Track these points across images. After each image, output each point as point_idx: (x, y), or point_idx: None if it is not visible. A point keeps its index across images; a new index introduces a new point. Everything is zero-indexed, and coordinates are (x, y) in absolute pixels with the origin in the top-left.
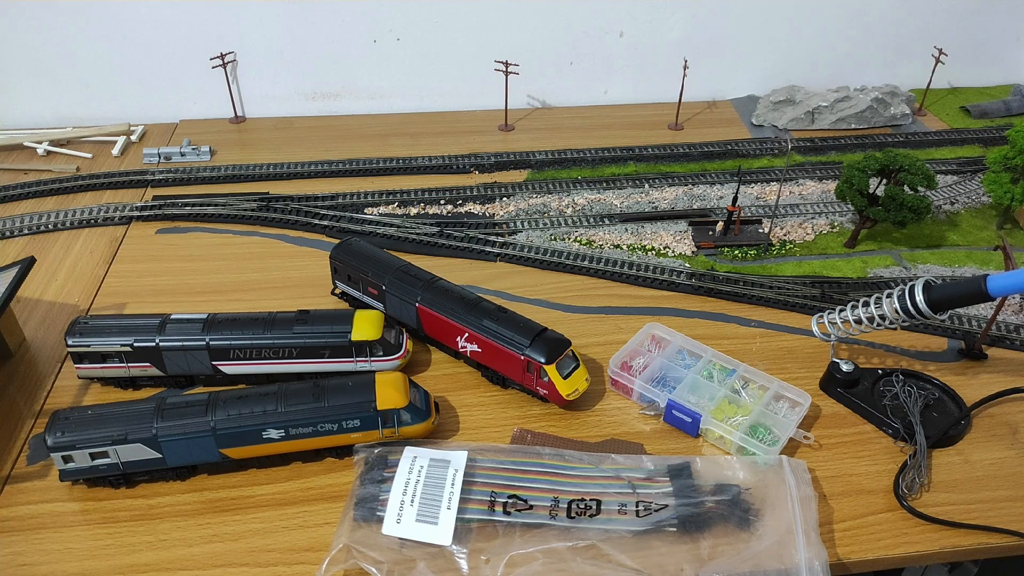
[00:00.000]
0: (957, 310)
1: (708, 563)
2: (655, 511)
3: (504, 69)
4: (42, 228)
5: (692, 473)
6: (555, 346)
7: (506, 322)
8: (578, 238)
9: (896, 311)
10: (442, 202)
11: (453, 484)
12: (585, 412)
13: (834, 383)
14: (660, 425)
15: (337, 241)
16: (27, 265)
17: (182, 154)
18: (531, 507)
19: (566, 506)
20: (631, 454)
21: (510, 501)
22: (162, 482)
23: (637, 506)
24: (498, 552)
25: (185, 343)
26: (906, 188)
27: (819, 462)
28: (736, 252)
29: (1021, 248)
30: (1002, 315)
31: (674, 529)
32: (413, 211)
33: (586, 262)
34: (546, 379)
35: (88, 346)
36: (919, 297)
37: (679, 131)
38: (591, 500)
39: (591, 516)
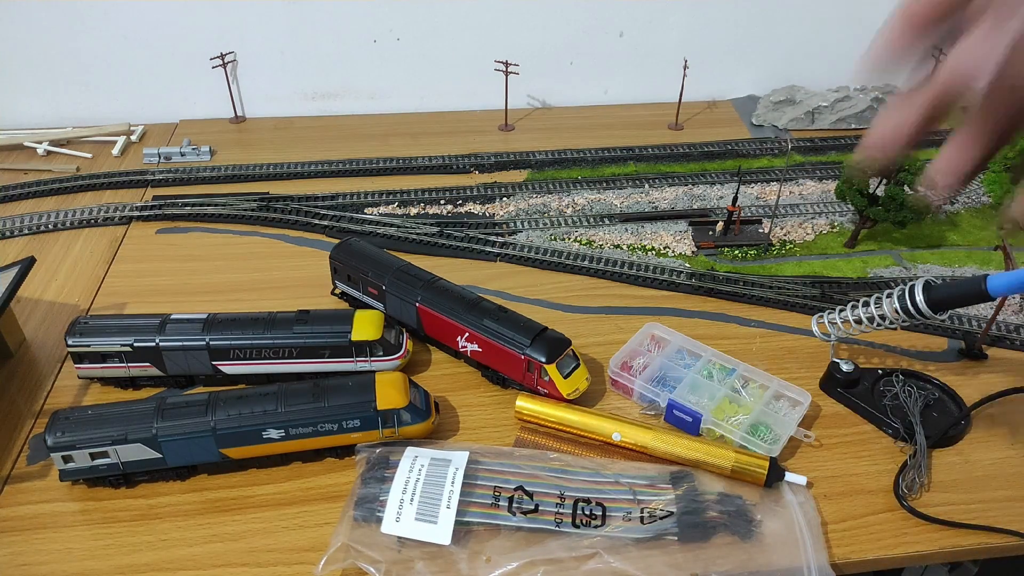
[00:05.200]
0: (957, 310)
1: (711, 571)
2: (659, 518)
3: (504, 69)
4: (42, 228)
5: (695, 480)
6: (555, 346)
7: (506, 322)
8: (578, 238)
9: (896, 311)
10: (442, 202)
11: (453, 483)
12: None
13: (834, 383)
14: (661, 425)
15: (337, 241)
16: (27, 265)
17: (182, 154)
18: (535, 508)
19: (571, 510)
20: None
21: (514, 499)
22: (162, 482)
23: (641, 512)
24: (498, 553)
25: (185, 343)
26: (906, 188)
27: (819, 462)
28: (736, 252)
29: (1021, 248)
30: (1002, 315)
31: (675, 538)
32: (413, 211)
33: (586, 262)
34: (547, 378)
35: (88, 346)
36: (919, 297)
37: (679, 131)
38: (596, 505)
39: (596, 527)
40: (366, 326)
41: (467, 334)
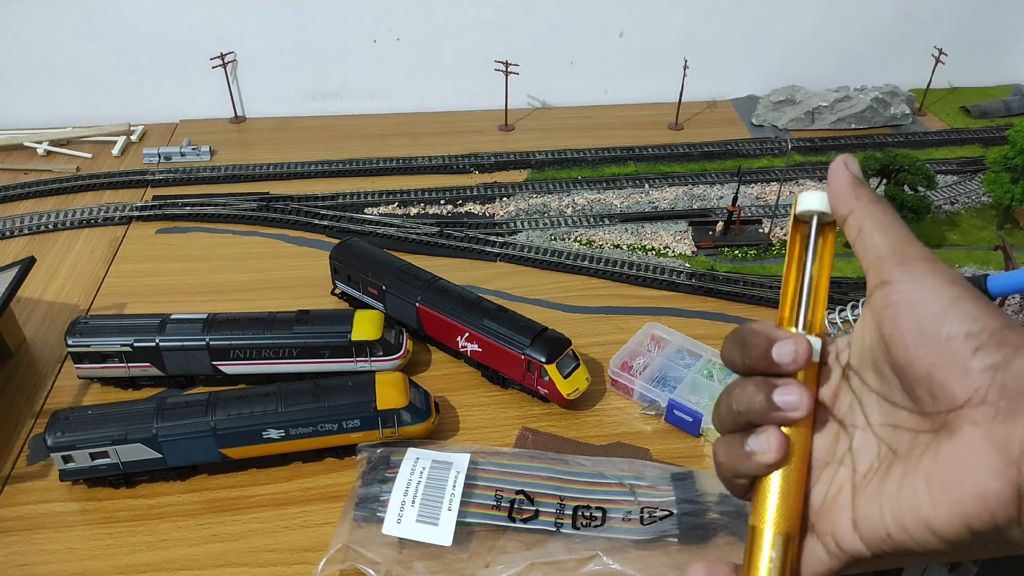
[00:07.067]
0: None
1: None
2: (659, 519)
3: (504, 69)
4: (42, 228)
5: (696, 481)
6: (555, 345)
7: (506, 322)
8: (578, 238)
9: None
10: (442, 202)
11: (455, 486)
12: (586, 412)
13: None
14: (661, 425)
15: (337, 241)
16: (27, 265)
17: (182, 154)
18: (536, 513)
19: (571, 514)
20: (635, 459)
21: (515, 503)
22: (162, 482)
23: (642, 512)
24: (498, 556)
25: (185, 343)
26: (906, 188)
27: None
28: (736, 252)
29: (1021, 248)
30: None
31: (675, 539)
32: (413, 211)
33: (586, 262)
34: (547, 378)
35: (88, 346)
36: None
37: (679, 131)
38: (596, 508)
39: (596, 527)
40: (366, 326)
41: (467, 334)
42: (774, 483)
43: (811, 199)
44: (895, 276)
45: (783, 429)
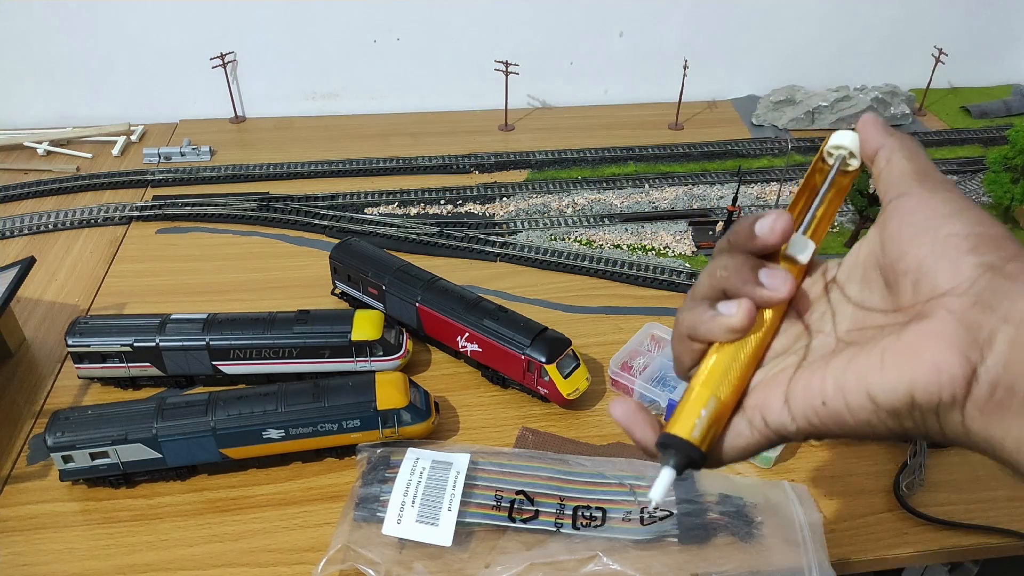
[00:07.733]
0: None
1: (711, 572)
2: (659, 520)
3: (504, 69)
4: (42, 228)
5: (696, 481)
6: (555, 345)
7: (506, 322)
8: (578, 238)
9: None
10: (442, 202)
11: (455, 486)
12: (586, 412)
13: None
14: (661, 424)
15: (337, 241)
16: (27, 265)
17: (182, 154)
18: (536, 513)
19: (571, 514)
20: (635, 459)
21: (515, 503)
22: (162, 482)
23: (642, 512)
24: (498, 556)
25: (185, 343)
26: None
27: (819, 462)
28: None
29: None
30: None
31: (675, 539)
32: (413, 211)
33: (586, 262)
34: (547, 378)
35: (88, 346)
36: None
37: (679, 131)
38: (596, 508)
39: (596, 527)
40: (366, 326)
41: (467, 334)
42: (727, 353)
43: (844, 136)
44: (912, 188)
45: None
